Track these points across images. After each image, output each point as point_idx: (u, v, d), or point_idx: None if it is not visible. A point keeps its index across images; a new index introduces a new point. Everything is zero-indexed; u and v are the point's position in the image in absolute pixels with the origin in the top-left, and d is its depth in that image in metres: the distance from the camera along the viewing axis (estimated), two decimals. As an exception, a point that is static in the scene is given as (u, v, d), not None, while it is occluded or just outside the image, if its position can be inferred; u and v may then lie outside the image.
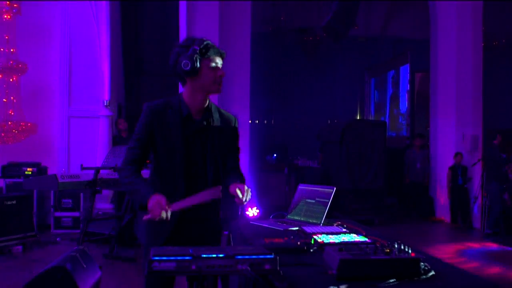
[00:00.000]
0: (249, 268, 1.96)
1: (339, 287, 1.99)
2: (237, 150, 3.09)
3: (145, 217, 2.64)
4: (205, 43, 2.82)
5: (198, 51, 2.79)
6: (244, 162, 10.21)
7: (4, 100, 9.55)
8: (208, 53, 2.82)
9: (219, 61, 2.87)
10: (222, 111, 3.08)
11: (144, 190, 2.74)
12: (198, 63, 2.79)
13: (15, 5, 9.65)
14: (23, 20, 9.98)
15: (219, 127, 2.97)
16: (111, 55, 9.99)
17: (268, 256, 2.02)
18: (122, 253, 7.36)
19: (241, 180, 2.93)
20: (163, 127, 2.86)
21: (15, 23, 9.73)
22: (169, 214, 2.63)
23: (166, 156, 2.87)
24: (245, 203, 2.75)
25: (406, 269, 2.17)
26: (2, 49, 9.52)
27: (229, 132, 3.03)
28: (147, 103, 2.94)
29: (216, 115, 2.99)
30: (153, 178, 2.93)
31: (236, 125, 3.09)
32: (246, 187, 2.77)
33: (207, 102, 2.97)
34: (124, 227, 7.64)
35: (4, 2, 9.54)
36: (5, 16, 9.62)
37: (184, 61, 2.80)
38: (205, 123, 2.93)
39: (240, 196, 2.73)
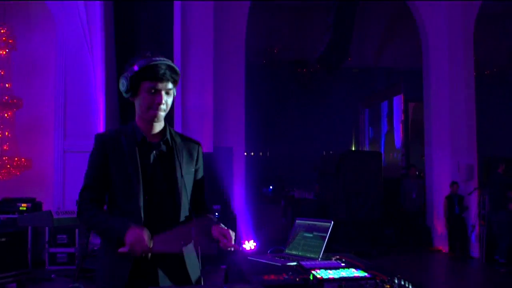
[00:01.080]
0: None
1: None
2: (202, 186, 2.85)
3: (121, 250, 2.38)
4: (149, 64, 2.55)
5: (136, 72, 2.55)
6: (240, 194, 10.18)
7: (-1, 135, 9.55)
8: (148, 75, 2.56)
9: (162, 86, 2.58)
10: (185, 136, 2.84)
11: (118, 224, 2.47)
12: (129, 85, 2.58)
13: (10, 41, 9.72)
14: (18, 55, 10.04)
15: (181, 150, 2.72)
16: (106, 88, 10.01)
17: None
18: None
19: (214, 217, 2.76)
20: (118, 155, 2.61)
21: (10, 59, 9.78)
22: (149, 253, 2.43)
23: (123, 188, 2.58)
24: (231, 248, 2.57)
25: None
26: (-3, 85, 9.57)
27: (193, 157, 2.77)
28: (98, 134, 2.71)
29: (177, 139, 2.75)
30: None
31: (201, 152, 2.84)
32: (230, 231, 2.57)
33: (162, 127, 2.73)
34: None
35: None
36: (1, 52, 9.68)
37: (121, 81, 2.62)
38: (164, 146, 2.69)
39: (226, 241, 2.55)
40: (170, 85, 2.63)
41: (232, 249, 2.51)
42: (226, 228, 2.61)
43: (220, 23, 10.63)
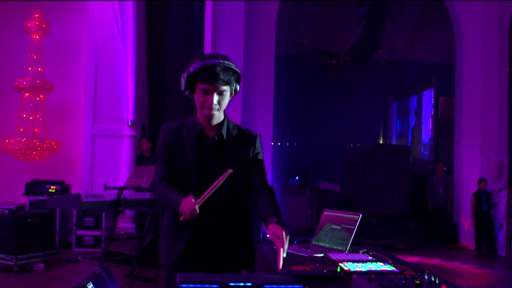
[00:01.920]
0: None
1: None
2: (261, 167, 3.01)
3: (181, 219, 2.64)
4: (202, 65, 2.73)
5: (191, 72, 2.77)
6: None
7: (30, 118, 9.68)
8: (202, 77, 2.74)
9: (213, 88, 2.75)
10: (243, 128, 3.02)
11: (174, 197, 2.73)
12: (185, 85, 2.81)
13: (43, 26, 9.83)
14: (51, 40, 10.15)
15: (236, 143, 2.92)
16: (136, 75, 10.08)
17: (296, 286, 1.98)
18: (143, 274, 7.34)
19: (275, 209, 2.84)
20: (179, 145, 2.87)
21: (43, 43, 9.89)
22: (196, 209, 2.62)
23: (182, 173, 2.86)
24: (284, 252, 2.63)
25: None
26: (30, 68, 9.68)
27: (248, 148, 2.95)
28: (165, 124, 2.98)
29: (233, 132, 2.94)
30: None
31: (258, 142, 3.01)
32: (284, 233, 2.62)
33: (220, 120, 2.91)
34: (145, 248, 7.63)
35: (33, 23, 9.72)
36: (34, 36, 9.79)
37: (181, 80, 2.83)
38: (216, 138, 2.88)
39: (279, 244, 2.61)
40: (223, 87, 2.79)
41: (279, 267, 2.57)
42: (281, 227, 2.67)
43: (251, 13, 10.62)
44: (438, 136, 14.61)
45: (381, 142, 17.16)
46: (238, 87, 2.91)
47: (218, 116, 2.87)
